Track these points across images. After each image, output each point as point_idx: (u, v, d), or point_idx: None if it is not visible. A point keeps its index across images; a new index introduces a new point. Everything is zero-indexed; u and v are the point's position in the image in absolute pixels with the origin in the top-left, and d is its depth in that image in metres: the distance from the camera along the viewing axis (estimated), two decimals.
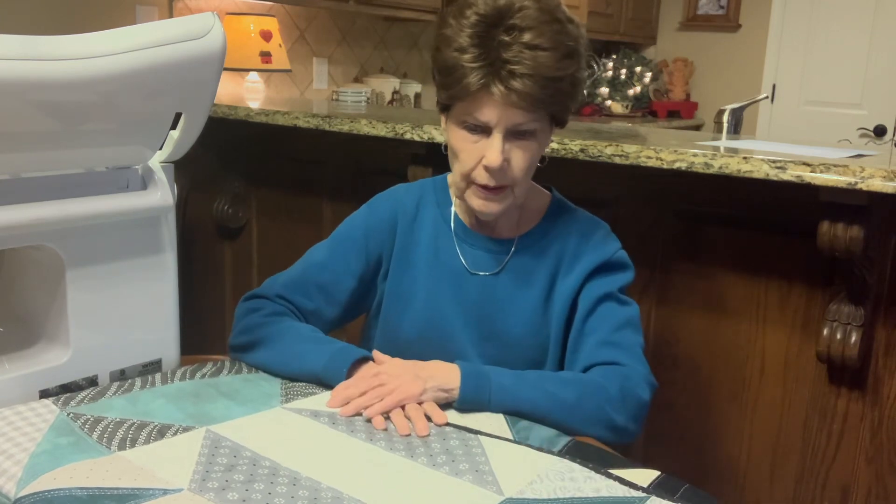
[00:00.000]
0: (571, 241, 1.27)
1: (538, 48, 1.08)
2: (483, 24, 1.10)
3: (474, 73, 1.09)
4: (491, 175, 1.15)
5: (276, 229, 2.41)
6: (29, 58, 0.84)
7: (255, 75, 3.50)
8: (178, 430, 0.97)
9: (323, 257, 1.30)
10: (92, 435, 0.94)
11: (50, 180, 0.99)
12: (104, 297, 1.05)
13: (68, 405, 0.99)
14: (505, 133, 1.13)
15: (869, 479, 1.50)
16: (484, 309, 1.26)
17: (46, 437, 0.92)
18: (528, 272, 1.26)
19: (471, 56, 1.10)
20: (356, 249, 1.30)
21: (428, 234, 1.30)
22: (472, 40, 1.10)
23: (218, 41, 0.97)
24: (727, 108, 2.28)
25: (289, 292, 1.27)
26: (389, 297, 1.30)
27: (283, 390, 1.11)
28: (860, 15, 4.55)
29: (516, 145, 1.14)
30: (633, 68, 5.08)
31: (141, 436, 0.95)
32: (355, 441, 0.98)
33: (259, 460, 0.92)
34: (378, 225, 1.30)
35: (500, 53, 1.09)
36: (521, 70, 1.08)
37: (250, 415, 1.03)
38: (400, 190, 1.36)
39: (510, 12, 1.10)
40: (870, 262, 1.42)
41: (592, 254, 1.25)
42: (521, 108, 1.10)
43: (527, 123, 1.13)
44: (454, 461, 0.95)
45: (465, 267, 1.27)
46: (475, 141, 1.15)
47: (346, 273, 1.29)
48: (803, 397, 1.56)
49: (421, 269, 1.28)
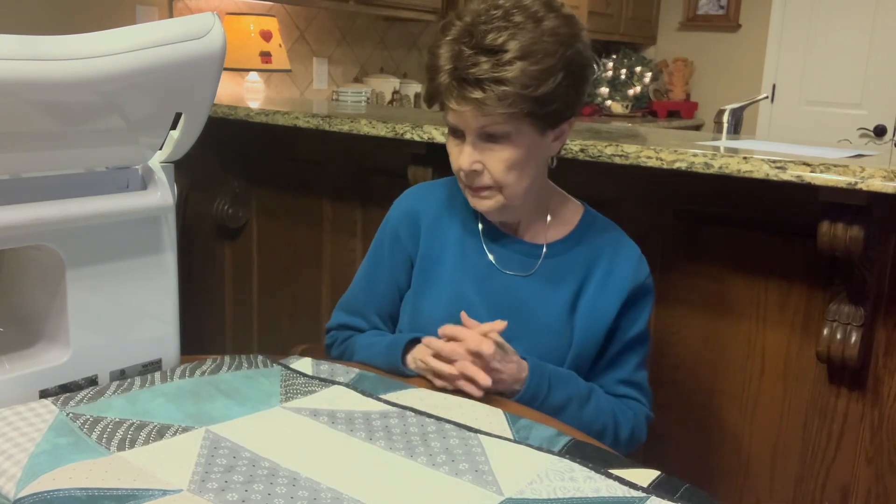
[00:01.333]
0: (604, 257, 1.28)
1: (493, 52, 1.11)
2: (455, 28, 1.15)
3: (440, 76, 1.15)
4: (466, 177, 1.20)
5: (276, 229, 2.41)
6: (29, 58, 0.84)
7: (255, 75, 3.50)
8: (177, 431, 0.97)
9: (363, 277, 1.39)
10: (91, 435, 0.93)
11: (50, 180, 0.99)
12: (104, 296, 1.05)
13: (67, 405, 0.99)
14: (476, 136, 1.17)
15: (869, 479, 1.50)
16: (510, 308, 1.27)
17: (46, 437, 0.92)
18: (558, 279, 1.28)
19: (439, 60, 1.15)
20: (389, 263, 1.35)
21: (456, 233, 1.32)
22: (444, 45, 1.15)
23: (218, 41, 0.97)
24: (727, 108, 2.28)
25: (347, 319, 1.38)
26: (416, 292, 1.32)
27: (284, 387, 1.11)
28: (860, 15, 4.55)
29: (489, 148, 1.18)
30: (633, 68, 5.08)
31: (140, 436, 0.94)
32: (355, 441, 0.98)
33: (258, 461, 0.91)
34: (400, 230, 1.34)
35: (462, 55, 1.12)
36: (470, 74, 1.11)
37: (249, 415, 1.03)
38: (424, 188, 1.39)
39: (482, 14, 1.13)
40: (870, 262, 1.42)
41: (629, 279, 1.27)
42: (479, 112, 1.13)
43: (491, 126, 1.15)
44: (454, 461, 0.95)
45: (493, 264, 1.29)
46: (457, 144, 1.21)
47: (384, 289, 1.36)
48: (803, 397, 1.56)
49: (447, 265, 1.30)
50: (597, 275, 1.27)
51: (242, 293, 2.53)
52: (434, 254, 1.31)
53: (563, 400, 1.21)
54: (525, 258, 1.28)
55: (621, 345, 1.30)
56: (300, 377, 1.16)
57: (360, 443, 0.98)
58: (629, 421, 1.28)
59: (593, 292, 1.27)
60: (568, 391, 1.22)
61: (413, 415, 1.07)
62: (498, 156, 1.17)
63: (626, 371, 1.31)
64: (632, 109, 4.97)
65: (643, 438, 1.31)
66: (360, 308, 1.37)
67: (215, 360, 1.17)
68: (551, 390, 1.20)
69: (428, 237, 1.32)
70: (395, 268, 1.34)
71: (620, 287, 1.27)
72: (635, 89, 5.00)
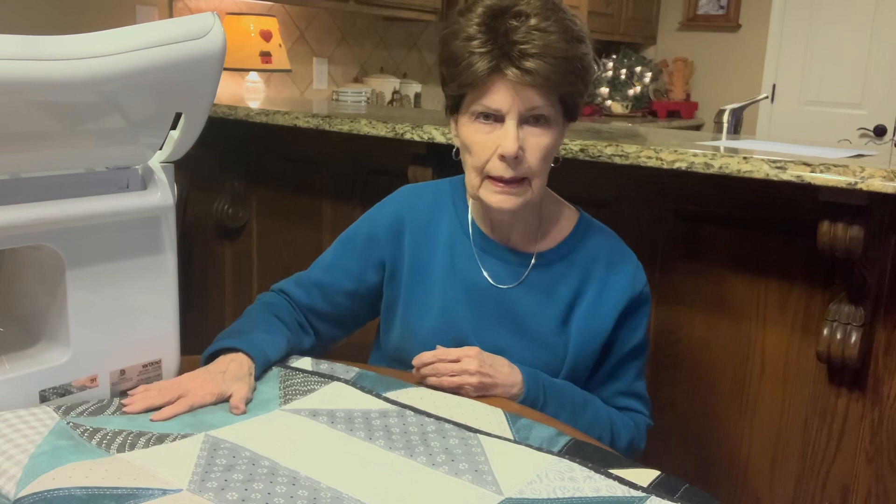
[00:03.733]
0: (600, 267, 1.25)
1: (546, 31, 1.09)
2: (490, 13, 1.11)
3: (484, 58, 1.09)
4: (507, 164, 1.12)
5: (276, 229, 2.41)
6: (29, 58, 0.84)
7: (255, 75, 3.50)
8: (176, 437, 0.96)
9: (326, 258, 1.34)
10: (91, 441, 0.93)
11: (50, 180, 0.99)
12: (104, 297, 1.05)
13: (69, 415, 0.99)
14: (519, 119, 1.11)
15: (869, 479, 1.50)
16: (498, 321, 1.25)
17: (46, 439, 0.91)
18: (549, 288, 1.24)
19: (479, 41, 1.10)
20: (356, 254, 1.31)
21: (444, 240, 1.28)
22: (481, 28, 1.11)
23: (218, 41, 0.97)
24: (727, 108, 2.28)
25: (290, 287, 1.33)
26: (406, 303, 1.29)
27: (282, 391, 1.11)
28: (860, 15, 4.55)
29: (531, 133, 1.12)
30: (633, 68, 5.08)
31: (140, 441, 0.94)
32: (354, 440, 0.98)
33: (258, 460, 0.91)
34: (380, 233, 1.30)
35: (510, 36, 1.09)
36: (531, 49, 1.08)
37: (249, 419, 1.03)
38: (411, 194, 1.34)
39: (516, 2, 1.11)
40: (870, 262, 1.42)
41: (626, 291, 1.25)
42: (535, 87, 1.09)
43: (541, 107, 1.11)
44: (453, 460, 0.95)
45: (482, 275, 1.26)
46: (488, 132, 1.13)
47: (342, 275, 1.31)
48: (803, 397, 1.56)
49: (437, 276, 1.27)
50: (592, 286, 1.24)
51: (242, 293, 2.53)
52: (422, 264, 1.28)
53: (556, 409, 1.19)
54: (515, 268, 1.25)
55: (620, 356, 1.28)
56: (299, 374, 1.16)
57: (359, 442, 0.98)
58: (629, 430, 1.27)
59: (589, 304, 1.24)
60: (562, 399, 1.20)
61: (412, 414, 1.06)
62: (538, 141, 1.13)
63: (625, 382, 1.29)
64: (632, 109, 4.97)
65: (642, 447, 1.31)
66: (306, 283, 1.32)
67: None
68: (547, 399, 1.19)
69: (415, 247, 1.28)
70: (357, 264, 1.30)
71: (617, 299, 1.24)
72: (635, 89, 5.00)
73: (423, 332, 1.26)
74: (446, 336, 1.24)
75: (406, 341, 1.29)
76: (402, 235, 1.29)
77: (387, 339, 1.34)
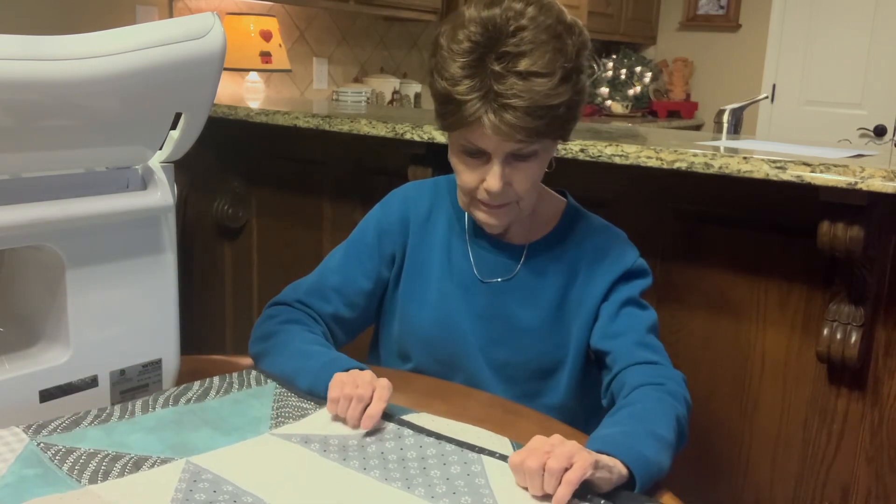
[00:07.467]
0: (588, 249, 1.25)
1: (533, 76, 1.04)
2: (475, 52, 1.06)
3: (467, 106, 1.06)
4: (492, 197, 1.14)
5: (276, 229, 2.41)
6: (30, 58, 0.84)
7: (255, 75, 3.50)
8: (155, 462, 0.91)
9: (338, 261, 1.31)
10: (62, 467, 0.89)
11: (50, 180, 0.99)
12: (104, 297, 1.05)
13: (39, 434, 0.95)
14: (504, 157, 1.11)
15: (869, 479, 1.50)
16: (494, 315, 1.25)
17: (11, 468, 0.87)
18: (541, 279, 1.25)
19: (464, 88, 1.06)
20: (369, 251, 1.30)
21: (442, 234, 1.29)
22: (464, 71, 1.06)
23: (218, 41, 0.97)
24: (727, 108, 2.28)
25: (307, 297, 1.28)
26: (404, 295, 1.30)
27: (275, 411, 1.07)
28: (860, 15, 4.55)
29: (517, 167, 1.13)
30: (633, 68, 5.08)
31: (115, 468, 0.89)
32: (348, 471, 0.93)
33: (240, 496, 0.85)
34: (389, 226, 1.30)
35: (493, 85, 1.05)
36: (515, 102, 1.04)
37: (235, 444, 0.98)
38: (412, 188, 1.35)
39: (503, 37, 1.05)
40: (870, 262, 1.42)
41: (614, 264, 1.23)
42: (517, 139, 1.08)
43: (525, 148, 1.11)
44: (455, 493, 0.89)
45: (475, 274, 1.26)
46: (475, 166, 1.14)
47: (360, 275, 1.29)
48: (803, 397, 1.56)
49: (434, 269, 1.28)
50: (583, 268, 1.24)
51: (242, 293, 2.53)
52: (421, 258, 1.29)
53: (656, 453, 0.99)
54: (508, 261, 1.26)
55: (615, 307, 1.21)
56: (293, 397, 1.12)
57: (353, 473, 0.93)
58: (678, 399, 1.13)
59: (581, 286, 1.24)
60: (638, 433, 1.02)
61: (411, 434, 1.02)
62: (525, 173, 1.14)
63: (635, 334, 1.20)
64: (632, 109, 4.97)
65: (690, 402, 1.16)
66: (322, 291, 1.28)
67: (203, 384, 1.13)
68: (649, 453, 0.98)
69: (415, 241, 1.29)
70: (373, 261, 1.29)
71: (608, 273, 1.22)
72: (635, 89, 5.00)
73: (421, 325, 1.27)
74: (441, 325, 1.25)
75: (405, 334, 1.29)
76: (407, 227, 1.30)
77: (388, 333, 1.34)
